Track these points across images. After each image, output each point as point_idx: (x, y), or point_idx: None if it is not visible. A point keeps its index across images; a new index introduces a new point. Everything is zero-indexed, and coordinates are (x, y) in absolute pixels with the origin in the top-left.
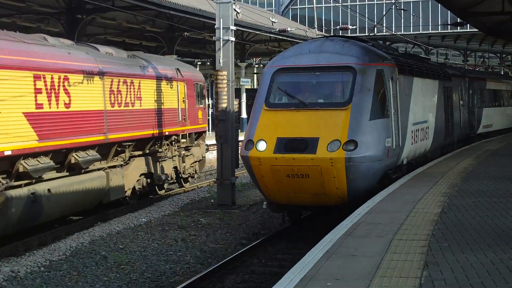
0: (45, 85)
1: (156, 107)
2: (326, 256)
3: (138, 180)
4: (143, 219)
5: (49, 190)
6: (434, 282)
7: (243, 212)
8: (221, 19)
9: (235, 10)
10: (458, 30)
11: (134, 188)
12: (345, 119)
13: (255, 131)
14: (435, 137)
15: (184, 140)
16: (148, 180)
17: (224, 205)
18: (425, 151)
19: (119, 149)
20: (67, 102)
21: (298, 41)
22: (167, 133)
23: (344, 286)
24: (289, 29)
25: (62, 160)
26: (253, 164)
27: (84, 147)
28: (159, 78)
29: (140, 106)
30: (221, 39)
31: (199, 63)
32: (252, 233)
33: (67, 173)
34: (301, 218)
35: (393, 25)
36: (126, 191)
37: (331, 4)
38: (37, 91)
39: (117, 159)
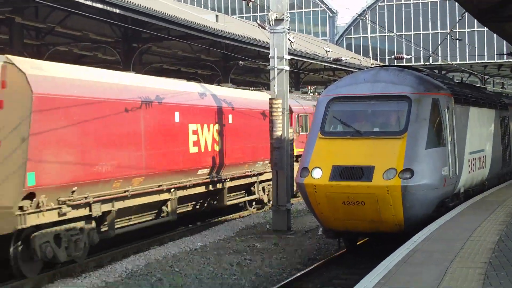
0: None
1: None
2: (380, 284)
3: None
4: (198, 243)
5: None
6: None
7: (298, 238)
8: (276, 48)
9: (289, 40)
10: None
11: None
12: (401, 148)
13: (311, 159)
14: (492, 165)
15: None
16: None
17: (280, 230)
18: (482, 179)
19: None
20: None
21: (352, 70)
22: None
23: None
24: (343, 58)
25: None
26: (308, 191)
27: None
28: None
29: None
30: (276, 68)
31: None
32: (307, 258)
33: None
34: (358, 244)
35: (449, 55)
36: None
37: (386, 34)
38: None
39: None
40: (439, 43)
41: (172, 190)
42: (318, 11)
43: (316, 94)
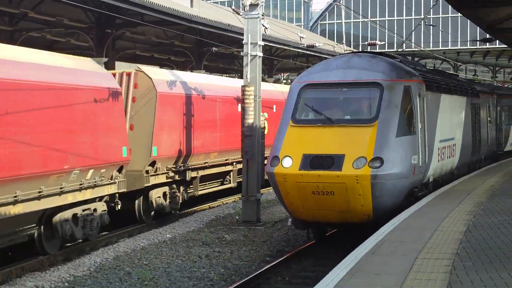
0: None
1: None
2: (349, 274)
3: None
4: (167, 235)
5: None
6: None
7: (267, 229)
8: (249, 34)
9: (263, 25)
10: (487, 46)
11: None
12: (371, 136)
13: (281, 147)
14: (462, 154)
15: None
16: None
17: (249, 221)
18: (451, 168)
19: None
20: None
21: (326, 56)
22: None
23: None
24: (317, 44)
25: None
26: (278, 181)
27: None
28: None
29: None
30: (249, 54)
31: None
32: (276, 250)
33: None
34: (326, 235)
35: (422, 41)
36: None
37: (360, 20)
38: None
39: None
40: (413, 29)
41: (234, 163)
42: None
43: (289, 81)
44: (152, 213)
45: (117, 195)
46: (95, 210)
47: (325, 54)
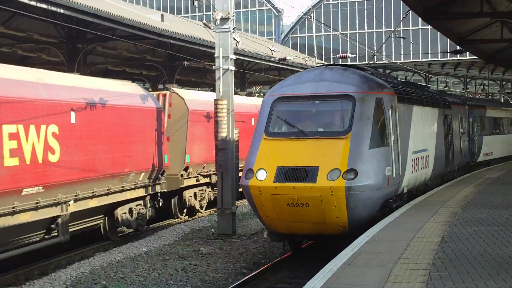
0: None
1: None
2: (325, 286)
3: None
4: (143, 249)
5: None
6: None
7: (243, 242)
8: (221, 48)
9: (235, 39)
10: (458, 58)
11: None
12: (345, 148)
13: (255, 160)
14: (435, 165)
15: None
16: None
17: (225, 234)
18: (425, 179)
19: None
20: None
21: (298, 69)
22: None
23: None
24: (288, 57)
25: None
26: (253, 193)
27: None
28: None
29: None
30: (221, 68)
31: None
32: (252, 262)
33: None
34: (302, 247)
35: (393, 53)
36: None
37: (331, 33)
38: None
39: None
40: (383, 41)
41: None
42: (263, 10)
43: (262, 94)
44: (185, 210)
45: (159, 194)
46: (144, 205)
47: (296, 67)
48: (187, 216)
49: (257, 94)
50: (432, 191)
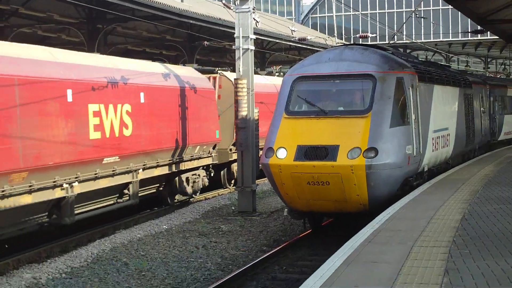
0: None
1: None
2: (346, 263)
3: None
4: (164, 226)
5: None
6: None
7: (264, 219)
8: (241, 28)
9: (255, 19)
10: (479, 38)
11: None
12: (365, 127)
13: (275, 139)
14: (456, 144)
15: None
16: None
17: (245, 212)
18: (446, 158)
19: None
20: None
21: (318, 49)
22: None
23: None
24: (308, 37)
25: None
26: (273, 172)
27: None
28: None
29: None
30: (241, 48)
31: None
32: (273, 240)
33: None
34: (322, 225)
35: (413, 33)
36: None
37: (351, 13)
38: None
39: None
40: (404, 21)
41: None
42: None
43: (282, 74)
44: (233, 181)
45: (211, 165)
46: (198, 175)
47: (316, 47)
48: (234, 187)
49: (277, 74)
50: (453, 169)
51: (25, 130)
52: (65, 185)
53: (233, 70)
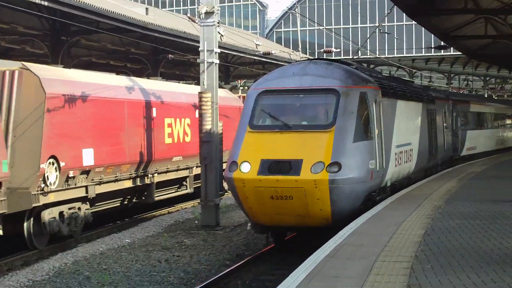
0: None
1: None
2: (308, 278)
3: None
4: (126, 240)
5: None
6: None
7: (227, 233)
8: (205, 42)
9: (219, 33)
10: (442, 53)
11: None
12: (328, 141)
13: (239, 153)
14: (418, 159)
15: None
16: None
17: (208, 226)
18: (408, 173)
19: None
20: None
21: (282, 63)
22: None
23: None
24: (273, 51)
25: None
26: (237, 186)
27: None
28: None
29: None
30: (205, 62)
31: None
32: (236, 254)
33: None
34: (285, 239)
35: (377, 48)
36: None
37: (315, 27)
38: None
39: None
40: (368, 36)
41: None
42: (248, 4)
43: (246, 88)
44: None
45: None
46: None
47: (281, 61)
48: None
49: (241, 88)
50: (415, 184)
51: (130, 136)
52: (150, 175)
53: (198, 84)
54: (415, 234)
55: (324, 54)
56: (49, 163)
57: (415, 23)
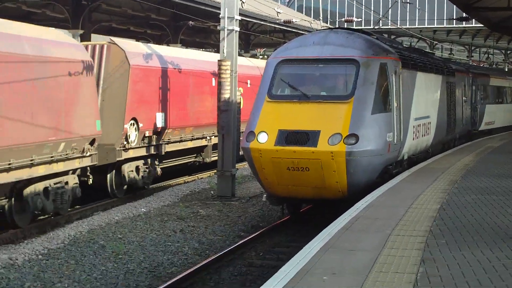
0: None
1: None
2: (323, 250)
3: None
4: (142, 209)
5: None
6: (430, 279)
7: (242, 204)
8: (226, 9)
9: (240, 0)
10: (464, 25)
11: None
12: (347, 113)
13: (257, 123)
14: (436, 132)
15: None
16: None
17: (224, 196)
18: (426, 146)
19: None
20: None
21: (303, 32)
22: None
23: (339, 281)
24: (294, 20)
25: None
26: (253, 156)
27: None
28: None
29: None
30: (226, 29)
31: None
32: (251, 225)
33: None
34: (301, 211)
35: (398, 19)
36: None
37: None
38: None
39: None
40: (390, 6)
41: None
42: None
43: (266, 56)
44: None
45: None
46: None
47: (301, 30)
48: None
49: (261, 56)
50: (433, 158)
51: (193, 103)
52: (207, 137)
53: (217, 51)
54: (431, 209)
55: (345, 23)
56: (131, 124)
57: None
